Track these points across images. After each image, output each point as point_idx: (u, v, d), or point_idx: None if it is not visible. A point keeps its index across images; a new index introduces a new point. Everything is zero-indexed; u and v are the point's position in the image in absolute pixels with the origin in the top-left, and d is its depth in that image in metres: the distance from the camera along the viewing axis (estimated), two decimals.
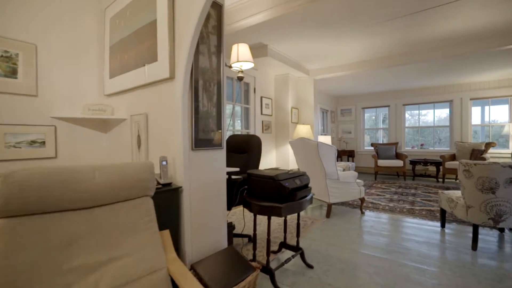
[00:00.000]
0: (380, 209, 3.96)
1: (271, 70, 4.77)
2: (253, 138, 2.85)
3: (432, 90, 7.03)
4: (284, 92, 4.94)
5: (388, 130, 7.82)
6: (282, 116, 4.95)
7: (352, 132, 8.36)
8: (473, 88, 6.52)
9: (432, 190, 5.27)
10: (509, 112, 6.40)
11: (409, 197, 4.72)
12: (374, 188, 5.55)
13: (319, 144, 3.38)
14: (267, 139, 4.87)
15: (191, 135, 1.68)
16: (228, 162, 3.01)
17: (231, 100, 4.07)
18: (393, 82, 6.50)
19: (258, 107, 4.58)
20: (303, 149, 3.66)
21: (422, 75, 5.85)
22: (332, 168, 3.50)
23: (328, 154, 3.45)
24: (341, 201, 3.63)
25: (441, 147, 8.74)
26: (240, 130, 4.31)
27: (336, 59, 4.55)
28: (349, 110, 8.41)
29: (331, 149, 3.45)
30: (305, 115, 5.11)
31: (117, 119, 2.21)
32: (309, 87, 5.07)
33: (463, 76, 5.96)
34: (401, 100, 7.50)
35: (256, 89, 4.51)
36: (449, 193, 2.92)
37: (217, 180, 1.87)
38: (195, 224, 1.69)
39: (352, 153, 7.92)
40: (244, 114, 4.50)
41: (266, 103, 4.81)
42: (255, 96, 4.50)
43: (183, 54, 1.61)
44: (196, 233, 1.70)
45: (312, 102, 5.05)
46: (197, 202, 1.71)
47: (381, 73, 5.58)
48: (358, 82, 6.50)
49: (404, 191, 5.26)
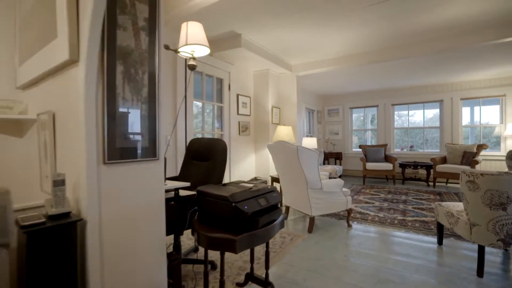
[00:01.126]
0: (369, 220, 3.54)
1: (249, 65, 4.29)
2: (216, 142, 2.36)
3: (422, 90, 6.72)
4: (264, 89, 4.47)
5: (377, 131, 7.48)
6: (262, 116, 4.48)
7: (339, 133, 7.98)
8: (464, 87, 6.23)
9: (424, 196, 4.91)
10: (500, 113, 6.14)
11: (399, 204, 4.33)
12: (362, 194, 5.15)
13: (299, 148, 2.92)
14: (245, 142, 4.38)
15: (103, 142, 1.17)
16: (188, 172, 2.52)
17: (200, 97, 3.56)
18: (381, 80, 6.14)
19: (234, 106, 4.10)
20: (282, 154, 3.19)
21: (411, 74, 5.50)
22: (315, 176, 3.05)
23: (310, 160, 2.99)
24: (325, 213, 3.18)
25: (430, 148, 8.49)
26: (213, 132, 3.81)
27: (320, 53, 4.11)
28: (336, 110, 8.04)
29: (313, 155, 3.00)
30: (288, 115, 4.66)
31: (28, 119, 1.68)
32: (292, 85, 4.62)
33: (453, 75, 5.65)
34: (390, 99, 7.16)
35: (231, 86, 4.03)
36: (448, 206, 2.51)
37: (150, 202, 1.36)
38: (110, 271, 1.19)
39: (340, 156, 7.54)
40: (217, 114, 4.00)
41: (243, 101, 4.32)
42: (230, 94, 4.01)
43: (85, 25, 1.10)
44: (112, 284, 1.19)
45: (295, 100, 4.60)
46: (114, 237, 1.21)
47: (369, 70, 5.19)
48: (345, 80, 6.11)
49: (394, 197, 4.88)
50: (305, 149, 2.95)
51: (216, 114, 3.96)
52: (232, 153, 4.04)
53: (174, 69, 3.13)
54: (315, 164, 3.03)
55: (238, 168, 4.20)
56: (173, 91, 3.12)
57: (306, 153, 2.96)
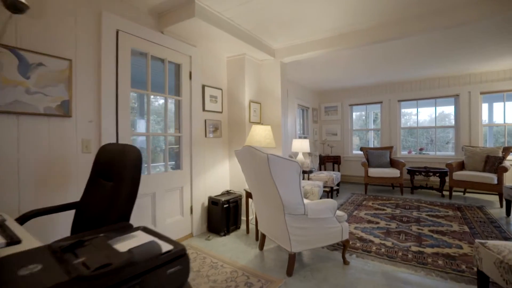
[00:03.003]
0: (373, 253, 2.61)
1: (220, 49, 3.38)
2: (124, 152, 1.45)
3: (433, 83, 5.77)
4: (240, 80, 3.55)
5: (381, 131, 6.53)
6: (238, 113, 3.56)
7: (338, 133, 7.04)
8: (484, 79, 5.27)
9: (441, 212, 3.96)
10: None
11: (411, 225, 3.39)
12: (364, 208, 4.22)
13: (271, 158, 1.99)
14: (215, 146, 3.46)
15: None
16: (91, 196, 1.61)
17: (142, 86, 2.64)
18: (386, 72, 5.20)
19: (198, 99, 3.18)
20: (251, 164, 2.27)
21: (421, 63, 4.56)
22: (295, 197, 2.12)
23: (287, 175, 2.07)
24: (311, 248, 2.25)
25: (441, 150, 7.56)
26: (163, 134, 2.89)
27: (307, 30, 3.18)
28: (334, 107, 7.09)
29: (292, 167, 2.07)
30: (270, 111, 3.74)
31: None
32: (275, 74, 3.70)
33: (472, 64, 4.70)
34: (395, 95, 6.22)
35: (193, 74, 3.11)
36: (500, 250, 1.57)
37: None
38: None
39: (338, 160, 6.60)
40: (173, 110, 3.08)
41: (212, 94, 3.40)
42: (192, 84, 3.10)
43: None
44: None
45: (279, 94, 3.67)
46: None
47: (370, 58, 4.26)
48: (343, 72, 5.17)
49: (404, 213, 3.93)
50: (280, 159, 2.02)
51: (170, 110, 3.04)
52: (195, 160, 3.12)
53: (96, 45, 2.22)
54: (295, 180, 2.10)
55: (205, 179, 3.28)
56: (94, 75, 2.20)
57: (281, 165, 2.03)
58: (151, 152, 2.75)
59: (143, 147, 3.06)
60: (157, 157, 3.93)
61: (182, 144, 3.01)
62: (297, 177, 2.10)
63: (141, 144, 3.68)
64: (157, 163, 3.80)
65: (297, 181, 2.10)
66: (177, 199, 2.97)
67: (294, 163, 2.06)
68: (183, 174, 3.02)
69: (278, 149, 3.65)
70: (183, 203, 3.02)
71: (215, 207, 3.17)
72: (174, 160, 3.13)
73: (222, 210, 3.09)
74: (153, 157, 3.77)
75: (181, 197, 3.00)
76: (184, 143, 3.03)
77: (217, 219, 3.15)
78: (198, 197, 3.17)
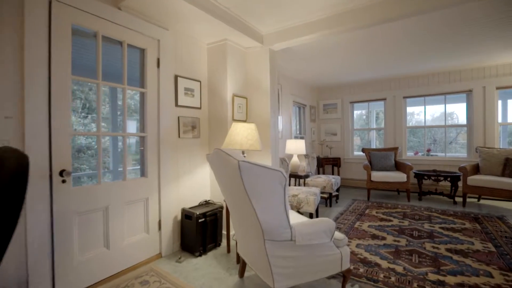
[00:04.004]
0: (380, 282, 2.07)
1: (198, 33, 2.86)
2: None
3: (443, 77, 5.23)
4: (221, 71, 3.03)
5: (384, 130, 5.99)
6: (220, 109, 3.03)
7: (338, 133, 6.50)
8: (501, 72, 4.73)
9: (456, 224, 3.42)
10: None
11: (424, 242, 2.85)
12: (367, 219, 3.68)
13: (244, 166, 1.46)
14: (191, 148, 2.93)
15: None
16: None
17: (93, 75, 2.11)
18: (388, 64, 4.66)
19: (169, 92, 2.65)
20: (224, 172, 1.74)
21: (429, 55, 4.02)
22: (278, 218, 1.58)
23: (267, 189, 1.53)
24: (300, 282, 1.72)
25: (446, 151, 7.03)
26: (121, 134, 2.37)
27: (299, 10, 2.66)
28: (334, 105, 6.55)
29: (273, 178, 1.53)
30: (258, 107, 3.21)
31: None
32: (264, 64, 3.17)
33: (487, 55, 4.17)
34: (401, 91, 5.67)
35: (162, 62, 2.58)
36: None
37: None
38: None
39: (338, 162, 6.06)
40: (135, 103, 2.55)
41: (187, 87, 2.88)
42: (160, 74, 2.57)
43: None
44: None
45: (267, 87, 3.14)
46: None
47: (370, 44, 3.72)
48: (343, 65, 4.63)
49: (414, 225, 3.40)
50: (257, 167, 1.49)
51: (134, 105, 2.52)
52: (165, 166, 2.59)
53: (18, 19, 1.69)
54: (279, 195, 1.57)
55: (178, 187, 2.75)
56: (15, 58, 1.67)
57: (258, 175, 1.50)
58: (105, 155, 2.22)
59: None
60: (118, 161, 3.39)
61: (147, 146, 2.48)
62: (281, 190, 1.56)
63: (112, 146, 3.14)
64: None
65: (281, 196, 1.57)
66: (141, 213, 2.44)
67: (276, 173, 1.53)
68: (149, 183, 2.49)
69: (265, 152, 3.12)
70: (149, 218, 2.49)
71: (189, 221, 2.64)
72: (139, 165, 2.60)
73: (197, 225, 2.56)
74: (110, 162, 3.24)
75: (146, 211, 2.47)
76: (150, 145, 2.50)
77: (191, 236, 2.62)
78: (168, 210, 2.64)
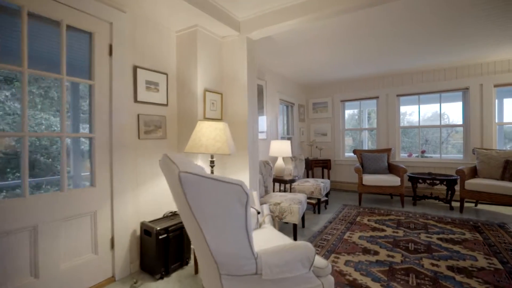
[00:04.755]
0: None
1: (164, 18, 2.46)
2: None
3: (438, 74, 4.93)
4: (191, 62, 2.63)
5: (377, 131, 5.67)
6: (190, 106, 2.64)
7: (328, 134, 6.16)
8: (499, 69, 4.45)
9: (455, 233, 3.10)
10: None
11: (422, 256, 2.51)
12: (357, 228, 3.33)
13: (185, 178, 1.07)
14: (156, 151, 2.53)
15: None
16: None
17: (17, 61, 1.69)
18: (380, 60, 4.34)
19: (125, 86, 2.25)
20: (171, 184, 1.34)
21: (424, 50, 3.70)
22: (238, 246, 1.20)
23: (221, 209, 1.14)
24: None
25: (429, 151, 6.78)
26: (59, 135, 1.95)
27: None
28: (324, 104, 6.21)
29: (229, 195, 1.14)
30: (235, 105, 2.83)
31: None
32: (241, 54, 2.79)
33: (485, 50, 3.87)
34: (394, 89, 5.36)
35: (116, 50, 2.17)
36: None
37: None
38: None
39: (328, 164, 5.71)
40: (80, 99, 2.13)
41: (151, 80, 2.47)
42: (113, 63, 2.16)
43: None
44: None
45: (244, 81, 2.76)
46: None
47: (357, 35, 3.37)
48: (332, 60, 4.28)
49: (409, 235, 3.06)
50: (206, 180, 1.10)
51: (74, 100, 2.11)
52: (120, 172, 2.18)
53: None
54: (238, 217, 1.18)
55: (138, 197, 2.34)
56: None
57: (207, 191, 1.11)
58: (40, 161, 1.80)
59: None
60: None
61: (94, 149, 2.07)
62: (241, 210, 1.18)
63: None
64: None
65: (240, 219, 1.18)
66: (86, 230, 2.02)
67: (234, 188, 1.14)
68: (97, 193, 2.08)
69: (241, 155, 2.73)
70: (97, 235, 2.08)
71: (148, 238, 2.24)
72: (84, 172, 2.18)
73: (157, 243, 2.16)
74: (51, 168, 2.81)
75: (93, 227, 2.06)
76: (99, 148, 2.09)
77: (150, 255, 2.22)
78: (124, 224, 2.23)
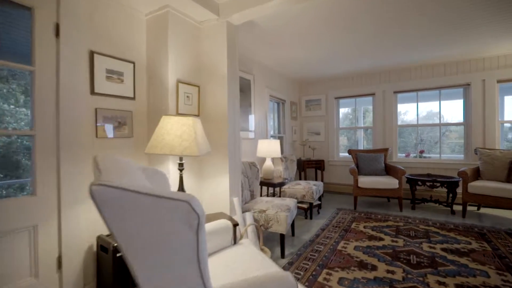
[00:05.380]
0: None
1: None
2: None
3: (438, 69, 4.65)
4: (161, 49, 2.28)
5: (373, 130, 5.37)
6: (160, 100, 2.29)
7: (321, 132, 5.85)
8: (503, 64, 4.18)
9: (461, 242, 2.80)
10: None
11: (426, 272, 2.19)
12: (352, 236, 3.01)
13: (98, 193, 0.72)
14: (120, 152, 2.17)
15: None
16: None
17: None
18: (379, 55, 4.03)
19: (77, 75, 1.89)
20: None
21: (423, 43, 3.40)
22: (185, 285, 0.85)
23: (156, 237, 0.80)
24: None
25: (430, 152, 6.50)
26: None
27: None
28: (317, 101, 5.90)
29: (171, 215, 0.80)
30: (214, 99, 2.49)
31: None
32: (220, 41, 2.45)
33: (487, 44, 3.59)
34: (391, 85, 5.07)
35: (65, 30, 1.81)
36: None
37: None
38: None
39: (321, 164, 5.40)
40: (21, 90, 1.77)
41: (112, 69, 2.12)
42: (61, 47, 1.80)
43: None
44: None
45: (224, 71, 2.42)
46: None
47: (358, 30, 3.05)
48: (326, 53, 3.96)
49: (410, 245, 2.75)
50: (131, 194, 0.75)
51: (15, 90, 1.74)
52: (70, 177, 1.82)
53: None
54: (183, 246, 0.83)
55: (94, 206, 1.98)
56: None
57: (134, 211, 0.76)
58: None
59: None
60: None
61: (35, 150, 1.70)
62: (190, 236, 0.83)
63: None
64: None
65: (189, 248, 0.83)
66: (23, 249, 1.66)
67: (177, 205, 0.79)
68: (39, 203, 1.71)
69: (219, 156, 2.39)
70: (39, 254, 1.71)
71: (104, 255, 1.88)
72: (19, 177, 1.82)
73: (114, 261, 1.80)
74: None
75: (32, 244, 1.69)
76: (43, 148, 1.72)
77: (108, 276, 1.86)
78: (76, 240, 1.87)
